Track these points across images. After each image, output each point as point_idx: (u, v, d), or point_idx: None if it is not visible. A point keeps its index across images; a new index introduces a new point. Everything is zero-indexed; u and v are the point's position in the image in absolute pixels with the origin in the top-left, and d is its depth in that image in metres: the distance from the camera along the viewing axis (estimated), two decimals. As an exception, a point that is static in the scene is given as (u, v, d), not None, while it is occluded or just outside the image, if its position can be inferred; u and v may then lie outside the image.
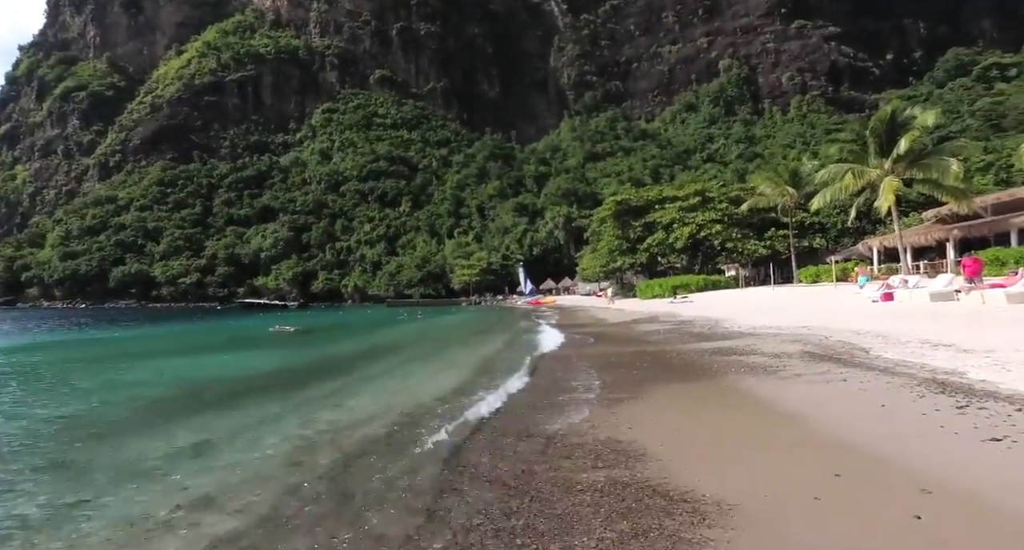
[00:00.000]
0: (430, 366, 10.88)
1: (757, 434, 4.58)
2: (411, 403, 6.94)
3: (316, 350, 16.32)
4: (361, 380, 9.26)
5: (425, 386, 8.18)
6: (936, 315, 14.53)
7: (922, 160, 28.71)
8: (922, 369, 6.57)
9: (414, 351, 14.81)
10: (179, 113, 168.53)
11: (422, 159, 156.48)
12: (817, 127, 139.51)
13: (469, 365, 10.45)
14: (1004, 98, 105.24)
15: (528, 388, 7.59)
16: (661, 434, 4.82)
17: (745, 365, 8.33)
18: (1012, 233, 29.52)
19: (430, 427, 5.68)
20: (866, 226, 43.34)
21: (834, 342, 10.28)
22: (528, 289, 76.64)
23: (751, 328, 14.94)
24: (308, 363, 12.58)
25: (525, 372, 9.17)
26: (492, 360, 11.31)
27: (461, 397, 7.23)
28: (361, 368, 11.00)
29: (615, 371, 8.81)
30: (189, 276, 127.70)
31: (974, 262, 18.64)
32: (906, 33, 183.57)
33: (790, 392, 6.11)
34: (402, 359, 12.38)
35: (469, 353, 13.25)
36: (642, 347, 12.59)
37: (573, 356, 11.73)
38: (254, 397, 7.79)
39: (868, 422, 4.59)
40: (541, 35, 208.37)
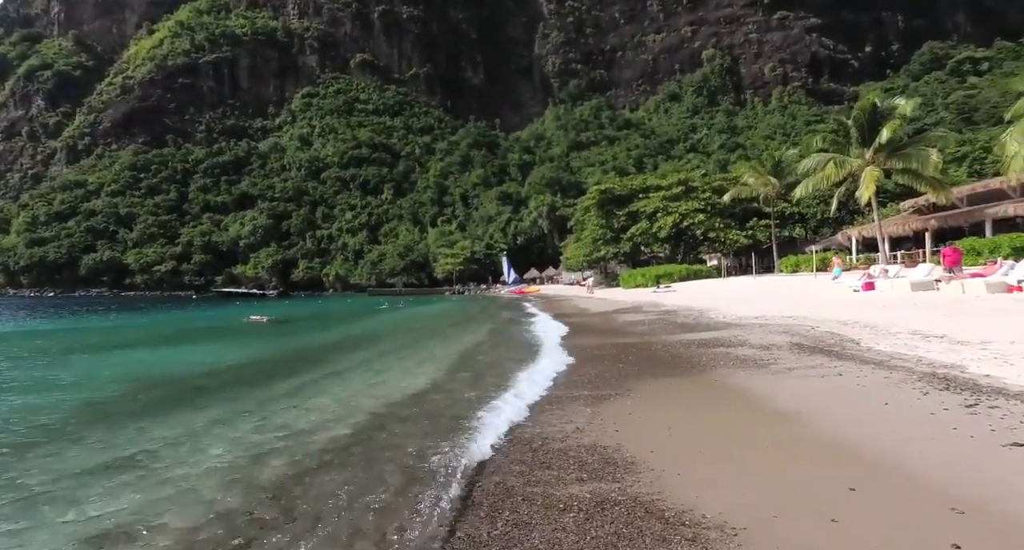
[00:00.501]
0: (406, 360, 10.32)
1: (755, 437, 4.19)
2: (379, 403, 6.40)
3: (288, 342, 15.58)
4: (330, 376, 8.66)
5: (397, 383, 7.62)
6: (919, 305, 14.47)
7: (902, 150, 28.87)
8: (919, 362, 6.29)
9: (391, 343, 14.19)
10: (152, 95, 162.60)
11: (405, 146, 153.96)
12: (798, 118, 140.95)
13: (447, 359, 9.94)
14: (976, 92, 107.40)
15: (506, 385, 7.13)
16: (651, 437, 4.41)
17: (734, 358, 8.00)
18: (987, 223, 30.01)
19: (395, 432, 5.18)
20: (845, 216, 43.79)
21: (822, 333, 10.05)
22: (511, 278, 76.32)
23: (736, 318, 14.71)
24: (277, 356, 11.92)
25: (505, 367, 8.70)
26: (471, 353, 10.82)
27: (434, 395, 6.73)
28: (332, 362, 10.38)
29: (599, 364, 8.41)
30: (164, 264, 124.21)
31: (954, 252, 18.71)
32: (884, 26, 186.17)
33: (785, 388, 5.76)
34: (376, 352, 11.80)
35: (449, 345, 12.74)
36: (626, 338, 12.24)
37: (556, 347, 11.31)
38: (207, 396, 7.13)
39: (874, 423, 4.23)
40: (526, 22, 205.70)
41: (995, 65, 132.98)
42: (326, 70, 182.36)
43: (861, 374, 5.96)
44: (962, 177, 45.21)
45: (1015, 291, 15.02)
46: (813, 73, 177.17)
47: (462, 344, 12.71)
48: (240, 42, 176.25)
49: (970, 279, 16.66)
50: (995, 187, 31.02)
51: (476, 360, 9.72)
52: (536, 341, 12.79)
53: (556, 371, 8.05)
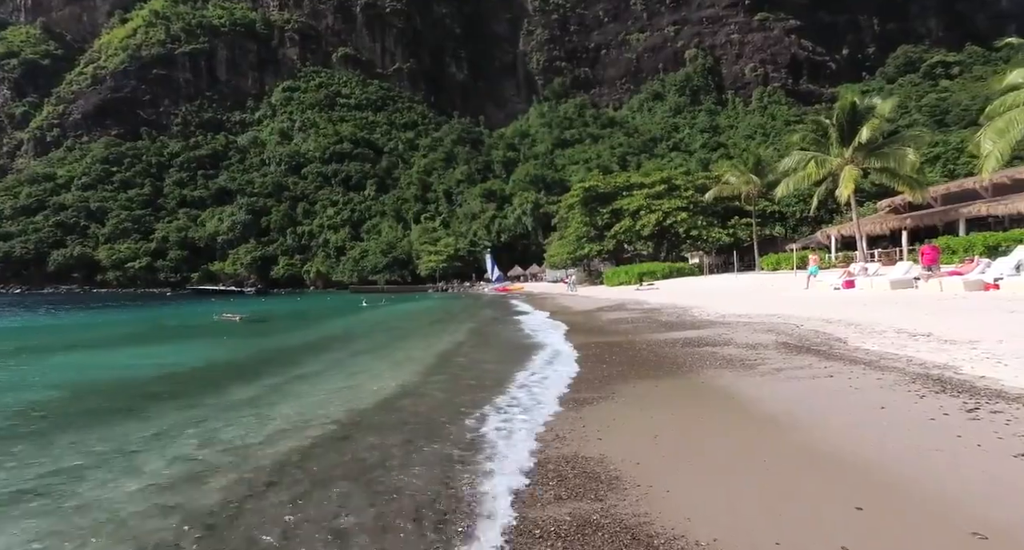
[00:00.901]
0: (380, 361, 9.84)
1: (748, 447, 3.89)
2: (345, 410, 5.92)
3: (259, 341, 14.89)
4: (297, 379, 8.12)
5: (368, 387, 7.14)
6: (899, 302, 14.50)
7: (880, 150, 29.21)
8: (910, 363, 6.10)
9: (367, 343, 13.65)
10: (125, 86, 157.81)
11: (388, 142, 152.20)
12: (777, 118, 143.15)
13: (423, 361, 9.50)
14: (948, 95, 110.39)
15: (481, 389, 6.74)
16: (637, 448, 4.08)
17: (720, 358, 7.75)
18: (960, 222, 30.58)
19: (356, 445, 4.72)
20: (823, 215, 44.38)
21: (807, 331, 9.90)
22: (495, 276, 75.94)
23: (720, 316, 14.57)
24: (244, 357, 11.31)
25: (482, 369, 8.32)
26: (449, 355, 10.40)
27: (404, 400, 6.28)
28: (302, 363, 9.83)
29: (581, 365, 8.09)
30: (138, 260, 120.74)
31: (932, 250, 18.88)
32: (860, 29, 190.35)
33: (775, 391, 5.49)
34: (350, 352, 11.28)
35: (427, 345, 12.29)
36: (609, 337, 11.97)
37: (534, 346, 10.97)
38: (157, 404, 6.52)
39: (872, 430, 3.97)
40: (510, 18, 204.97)
41: (966, 69, 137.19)
42: (307, 63, 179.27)
43: (852, 375, 5.74)
44: (936, 177, 46.21)
45: (991, 289, 15.16)
46: (792, 74, 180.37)
47: (441, 344, 12.28)
48: (218, 33, 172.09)
49: (948, 277, 16.80)
50: (968, 187, 31.64)
51: (453, 362, 9.30)
52: (515, 341, 12.43)
53: (535, 372, 7.71)
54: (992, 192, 29.62)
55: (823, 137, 31.42)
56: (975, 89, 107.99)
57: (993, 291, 14.96)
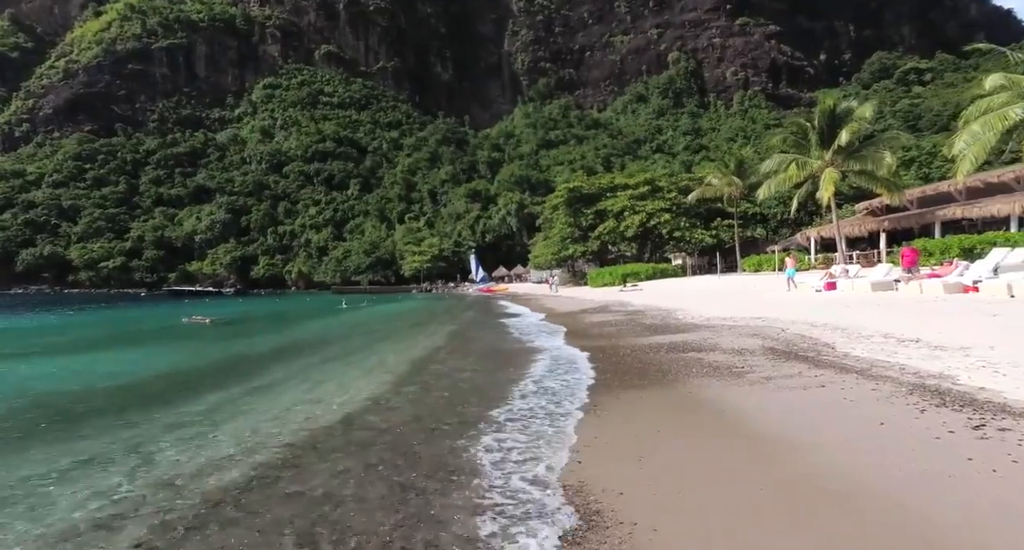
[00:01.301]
0: (351, 369, 9.31)
1: (741, 473, 3.52)
2: (302, 429, 5.37)
3: (225, 347, 14.17)
4: (257, 390, 7.55)
5: (333, 400, 6.62)
6: (881, 305, 14.46)
7: (859, 152, 29.51)
8: (903, 371, 5.84)
9: (339, 348, 13.05)
10: (99, 81, 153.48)
11: (372, 141, 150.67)
12: (758, 122, 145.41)
13: (397, 368, 8.99)
14: (921, 100, 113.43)
15: (456, 400, 6.30)
16: (620, 473, 3.68)
17: (707, 365, 7.44)
18: (936, 225, 31.07)
19: (311, 471, 4.19)
20: (803, 217, 44.85)
21: (793, 336, 9.67)
22: (480, 277, 75.50)
23: (704, 319, 14.34)
24: (204, 365, 10.64)
25: (457, 377, 7.87)
26: (425, 361, 9.92)
27: (371, 416, 5.75)
28: (266, 372, 9.23)
29: (559, 374, 7.71)
30: (112, 260, 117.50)
31: (912, 252, 18.97)
32: (837, 35, 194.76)
33: (766, 403, 5.17)
34: (320, 358, 10.70)
35: (403, 350, 11.78)
36: (592, 341, 11.63)
37: (514, 352, 10.57)
38: (94, 422, 5.86)
39: (875, 451, 3.64)
40: (495, 19, 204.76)
41: (937, 76, 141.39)
42: (289, 60, 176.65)
43: (845, 385, 5.45)
44: (910, 181, 47.04)
45: (971, 291, 15.22)
46: (772, 78, 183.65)
47: (418, 349, 11.78)
48: (197, 28, 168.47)
49: (928, 280, 16.85)
50: (943, 190, 32.18)
51: (428, 370, 8.82)
52: (494, 345, 12.01)
53: (512, 381, 7.30)
54: (966, 195, 30.14)
55: (803, 140, 31.68)
56: (946, 95, 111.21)
57: (972, 294, 15.01)
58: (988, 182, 29.01)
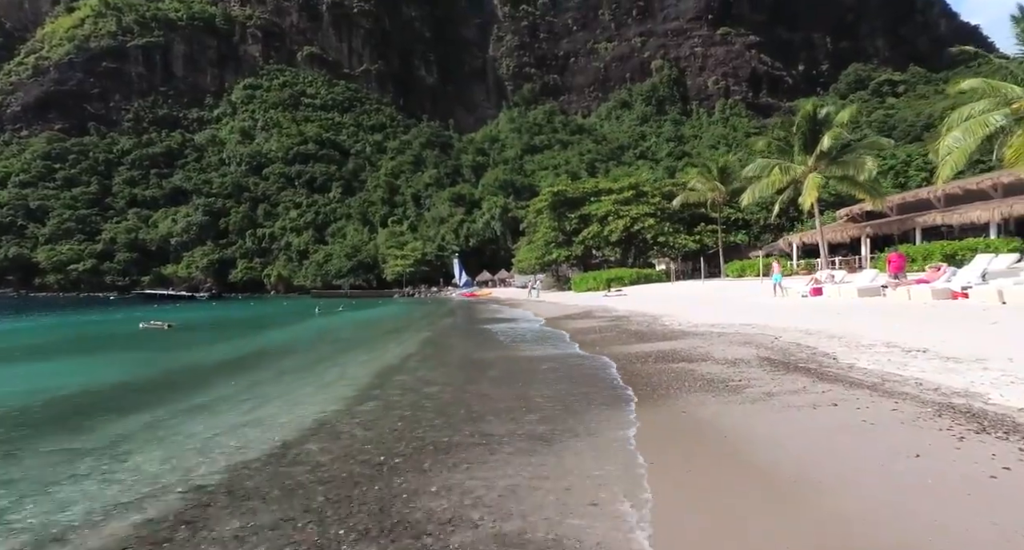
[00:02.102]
0: (308, 382, 8.38)
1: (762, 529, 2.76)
2: (225, 461, 4.48)
3: (176, 356, 13.03)
4: (192, 409, 6.55)
5: (275, 421, 5.70)
6: (871, 311, 14.04)
7: (840, 158, 29.56)
8: (922, 388, 5.21)
9: (302, 358, 12.04)
10: (70, 79, 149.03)
11: (355, 144, 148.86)
12: (739, 130, 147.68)
13: (358, 382, 8.10)
14: (895, 111, 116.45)
15: (416, 422, 5.47)
16: (605, 534, 2.89)
17: (699, 377, 6.75)
18: (916, 231, 31.24)
19: (207, 526, 3.27)
20: (784, 223, 45.03)
21: (788, 344, 9.07)
22: (463, 281, 74.66)
23: (692, 326, 13.73)
24: (144, 377, 9.60)
25: (423, 393, 7.02)
26: (391, 372, 9.03)
27: (312, 444, 4.83)
28: (210, 386, 8.24)
29: (537, 387, 6.93)
30: (82, 263, 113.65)
31: (899, 258, 18.72)
32: (815, 46, 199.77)
33: (774, 427, 4.46)
34: (277, 371, 9.73)
35: (369, 360, 10.87)
36: (573, 349, 10.90)
37: (494, 363, 9.77)
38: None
39: (922, 496, 2.92)
40: (480, 23, 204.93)
41: (910, 88, 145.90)
42: (270, 61, 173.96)
43: (860, 404, 4.79)
44: (888, 188, 47.67)
45: (960, 297, 14.91)
46: (753, 87, 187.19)
47: (387, 358, 10.88)
48: (174, 27, 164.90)
49: (916, 286, 16.55)
50: (923, 197, 32.45)
51: (392, 382, 7.95)
52: (470, 354, 11.19)
53: (484, 394, 6.51)
54: (944, 202, 30.37)
55: (787, 145, 31.65)
56: (919, 107, 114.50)
57: (962, 300, 14.70)
58: (967, 189, 29.25)
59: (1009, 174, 27.89)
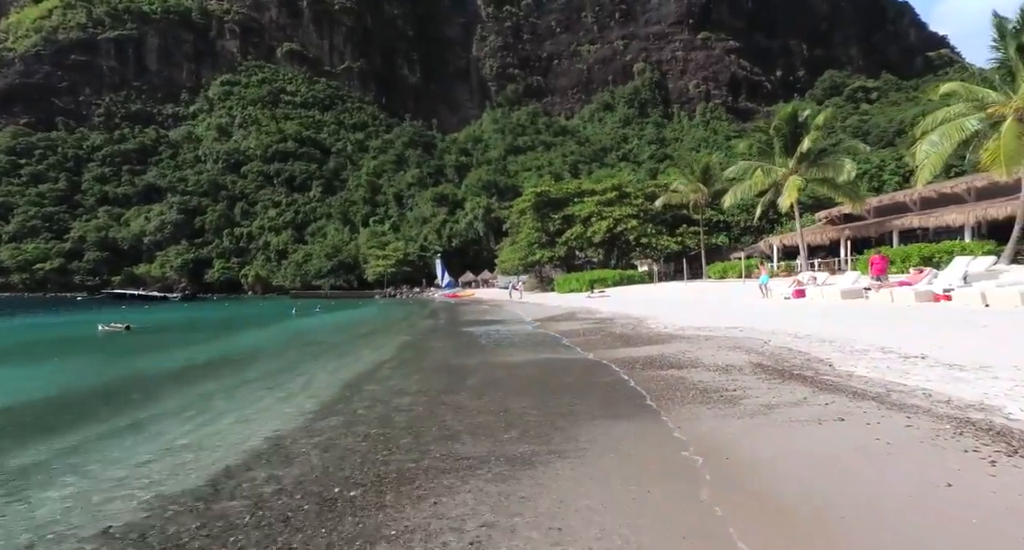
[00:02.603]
0: (268, 393, 7.67)
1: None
2: (151, 495, 3.77)
3: (127, 363, 12.07)
4: (123, 430, 5.73)
5: (218, 443, 5.01)
6: (856, 314, 13.89)
7: (821, 160, 29.85)
8: (932, 400, 4.83)
9: (267, 365, 11.24)
10: (37, 71, 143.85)
11: (336, 142, 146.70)
12: (719, 133, 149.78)
13: (322, 394, 7.44)
14: (868, 117, 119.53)
15: (382, 442, 4.88)
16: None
17: (691, 386, 6.33)
18: (894, 234, 31.70)
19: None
20: (764, 225, 45.44)
21: (778, 349, 8.73)
22: (446, 282, 73.93)
23: (678, 329, 13.37)
24: (85, 388, 8.74)
25: (392, 405, 6.42)
26: (361, 382, 8.39)
27: (257, 470, 4.15)
28: (155, 399, 7.47)
29: (519, 397, 6.43)
30: (49, 262, 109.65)
31: (881, 260, 18.72)
32: (792, 53, 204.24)
33: (779, 446, 4.01)
34: (236, 380, 8.99)
35: (340, 367, 10.20)
36: (558, 354, 10.42)
37: (475, 369, 9.23)
38: None
39: (969, 540, 2.48)
40: (464, 23, 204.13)
41: (882, 95, 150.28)
42: (248, 57, 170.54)
43: (869, 418, 4.39)
44: (863, 192, 48.54)
45: (943, 300, 14.88)
46: (732, 92, 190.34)
47: (359, 365, 10.23)
48: (148, 20, 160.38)
49: (898, 288, 16.53)
50: (900, 200, 32.97)
51: (362, 393, 7.32)
52: (449, 360, 10.63)
53: (460, 408, 5.97)
54: (920, 205, 30.86)
55: (768, 147, 31.82)
56: (891, 113, 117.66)
57: (944, 302, 14.67)
58: (942, 193, 29.76)
59: (983, 178, 28.45)
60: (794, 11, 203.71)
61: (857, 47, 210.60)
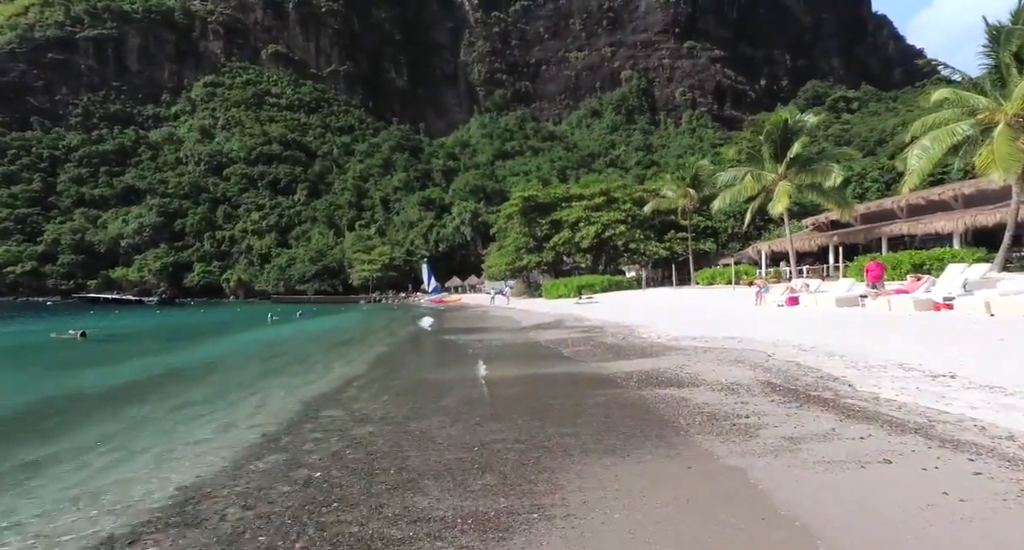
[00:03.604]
0: (208, 419, 6.61)
1: None
2: None
3: (62, 378, 10.77)
4: (6, 475, 4.85)
5: (120, 494, 3.95)
6: (854, 323, 13.26)
7: (810, 166, 29.60)
8: (988, 434, 4.05)
9: (220, 382, 10.07)
10: (11, 69, 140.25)
11: (321, 145, 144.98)
12: (705, 141, 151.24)
13: (276, 417, 6.36)
14: (850, 126, 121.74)
15: (327, 485, 3.94)
16: None
17: (695, 410, 5.51)
18: (883, 240, 31.52)
19: None
20: (751, 231, 45.27)
21: (785, 363, 7.98)
22: (432, 287, 72.76)
23: (672, 339, 12.60)
24: (12, 409, 7.65)
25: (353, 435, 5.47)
26: (322, 402, 7.35)
27: (147, 543, 3.12)
28: (68, 429, 6.31)
29: (499, 424, 5.54)
30: (21, 265, 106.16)
31: (877, 266, 18.21)
32: (775, 63, 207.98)
33: (819, 502, 3.16)
34: (177, 403, 7.83)
35: (301, 385, 9.14)
36: (545, 368, 9.56)
37: (452, 386, 8.32)
38: None
39: None
40: (452, 28, 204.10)
41: (863, 105, 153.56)
42: (233, 58, 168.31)
43: (921, 460, 3.59)
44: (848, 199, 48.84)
45: (943, 309, 14.35)
46: (718, 100, 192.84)
47: (324, 383, 9.23)
48: (129, 19, 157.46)
49: (896, 296, 15.99)
50: (887, 207, 32.89)
51: (318, 419, 6.30)
52: (426, 375, 9.67)
53: (430, 441, 5.04)
54: (907, 212, 30.75)
55: (758, 152, 31.51)
56: (872, 122, 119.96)
57: (945, 311, 14.14)
58: (929, 199, 29.64)
59: (969, 185, 28.38)
60: (777, 22, 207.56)
61: (838, 58, 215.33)
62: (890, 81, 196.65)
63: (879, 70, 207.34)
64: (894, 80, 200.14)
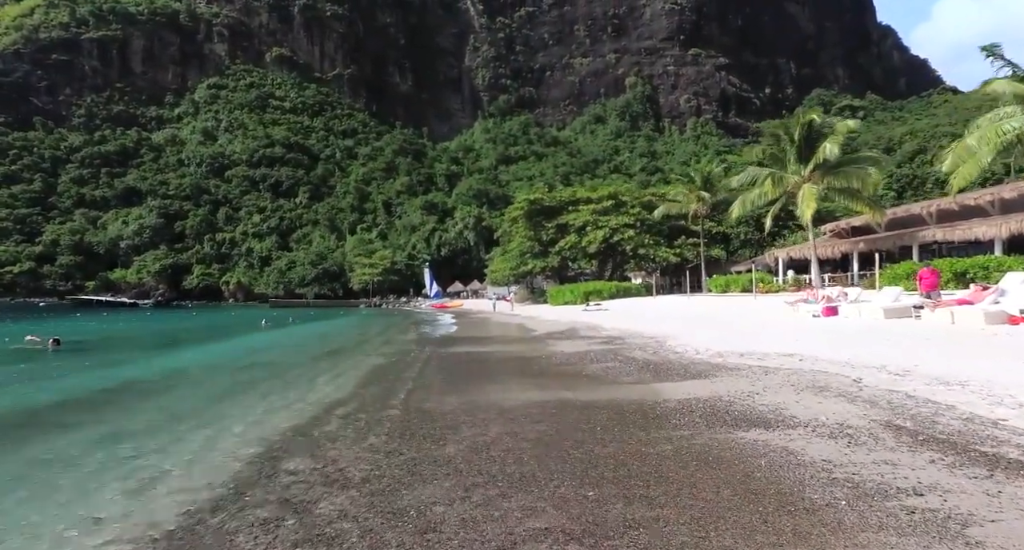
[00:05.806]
0: (126, 469, 4.86)
1: None
2: None
3: (10, 392, 9.06)
4: None
5: None
6: (928, 338, 11.37)
7: (840, 169, 27.84)
8: None
9: (174, 402, 8.24)
10: (15, 70, 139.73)
11: (324, 148, 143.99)
12: (710, 148, 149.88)
13: (217, 470, 4.48)
14: (856, 135, 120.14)
15: None
16: None
17: (822, 477, 3.71)
18: (914, 247, 29.76)
19: None
20: (765, 238, 43.57)
21: (891, 394, 6.19)
22: (433, 291, 71.26)
23: (714, 354, 10.79)
24: None
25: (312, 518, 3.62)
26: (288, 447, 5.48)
27: None
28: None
29: (535, 490, 3.73)
30: (19, 265, 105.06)
31: (931, 274, 16.36)
32: (780, 71, 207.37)
33: None
34: (104, 433, 5.87)
35: (270, 412, 7.30)
36: (575, 392, 7.76)
37: (451, 421, 6.53)
38: None
39: None
40: (456, 33, 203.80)
41: (868, 113, 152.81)
42: (237, 61, 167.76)
43: None
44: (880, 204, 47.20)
45: (1020, 322, 12.52)
46: (722, 107, 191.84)
47: (298, 409, 7.40)
48: (134, 21, 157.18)
49: (959, 307, 14.15)
50: (915, 213, 31.21)
51: (274, 478, 4.36)
52: (424, 403, 7.88)
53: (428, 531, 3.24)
54: (936, 218, 29.02)
55: (781, 154, 29.84)
56: (878, 131, 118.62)
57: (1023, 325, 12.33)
58: (964, 205, 27.80)
59: (1011, 189, 26.59)
60: (782, 30, 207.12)
61: (843, 67, 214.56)
62: (895, 91, 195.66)
63: (884, 80, 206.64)
64: (899, 90, 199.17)
